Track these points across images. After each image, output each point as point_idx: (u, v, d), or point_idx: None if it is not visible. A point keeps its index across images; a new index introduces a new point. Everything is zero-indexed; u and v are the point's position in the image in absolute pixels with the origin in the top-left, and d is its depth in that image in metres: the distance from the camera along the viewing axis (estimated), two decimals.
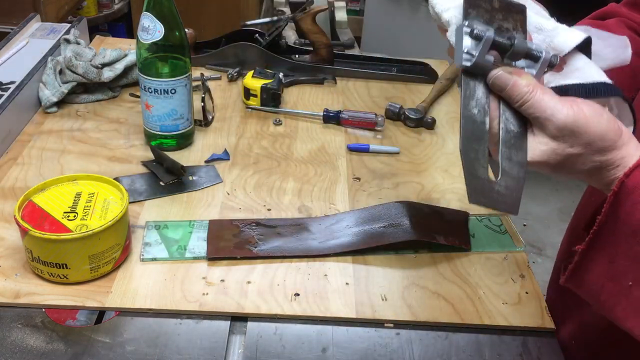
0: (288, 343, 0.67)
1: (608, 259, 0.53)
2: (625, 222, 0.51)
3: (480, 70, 0.55)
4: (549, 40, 0.59)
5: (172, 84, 0.91)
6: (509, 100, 0.55)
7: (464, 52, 0.54)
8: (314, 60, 1.22)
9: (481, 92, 0.55)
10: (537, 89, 0.54)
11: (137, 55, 0.91)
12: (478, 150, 0.53)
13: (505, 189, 0.53)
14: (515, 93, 0.54)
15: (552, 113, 0.53)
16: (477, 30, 0.54)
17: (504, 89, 0.54)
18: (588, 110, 0.53)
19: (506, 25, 0.57)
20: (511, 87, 0.54)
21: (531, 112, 0.54)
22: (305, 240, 0.79)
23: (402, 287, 0.74)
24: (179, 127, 0.95)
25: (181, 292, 0.71)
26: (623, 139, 0.54)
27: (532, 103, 0.53)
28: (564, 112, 0.52)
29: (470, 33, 0.55)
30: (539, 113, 0.53)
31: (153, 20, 0.87)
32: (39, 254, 0.69)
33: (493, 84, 0.55)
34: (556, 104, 0.53)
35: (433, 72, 1.24)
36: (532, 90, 0.54)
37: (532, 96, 0.53)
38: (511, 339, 0.69)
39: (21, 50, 1.13)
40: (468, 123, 0.54)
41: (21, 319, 0.67)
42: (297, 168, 0.95)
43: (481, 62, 0.55)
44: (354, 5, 2.74)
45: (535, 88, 0.54)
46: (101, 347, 0.64)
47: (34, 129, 1.00)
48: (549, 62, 0.56)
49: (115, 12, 2.49)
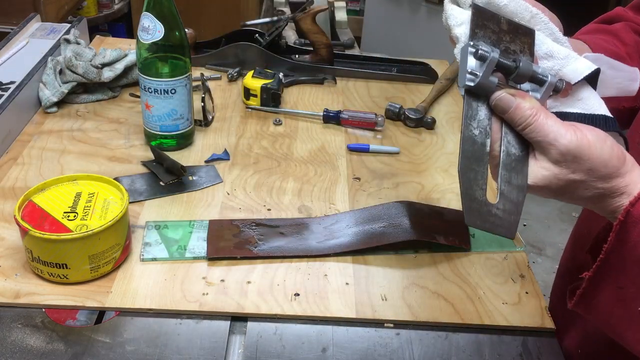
0: (288, 343, 0.67)
1: (616, 285, 0.53)
2: (632, 251, 0.51)
3: (483, 91, 0.55)
4: (557, 67, 0.58)
5: (172, 84, 0.91)
6: (512, 123, 0.54)
7: (468, 72, 0.54)
8: (314, 60, 1.22)
9: (484, 113, 0.55)
10: (541, 113, 0.53)
11: (137, 55, 0.91)
12: (477, 172, 0.53)
13: (502, 212, 0.52)
14: (518, 116, 0.53)
15: (555, 137, 0.52)
16: (481, 50, 0.54)
17: (506, 111, 0.54)
18: (591, 136, 0.52)
19: (513, 48, 0.56)
20: (514, 110, 0.53)
21: (533, 135, 0.53)
22: (305, 240, 0.79)
23: (402, 287, 0.74)
24: (179, 127, 0.95)
25: (181, 292, 0.71)
26: (627, 166, 0.53)
27: (535, 127, 0.52)
28: (567, 137, 0.52)
29: (474, 53, 0.54)
30: (541, 137, 0.52)
31: (153, 20, 0.87)
32: (39, 254, 0.69)
33: (496, 106, 0.54)
34: (559, 129, 0.52)
35: (433, 72, 1.24)
36: (535, 113, 0.53)
37: (535, 120, 0.52)
38: (511, 339, 0.69)
39: (21, 50, 1.13)
40: (468, 144, 0.53)
41: (21, 319, 0.67)
42: (297, 168, 0.95)
43: (484, 82, 0.54)
44: (354, 5, 2.74)
45: (538, 111, 0.53)
46: (101, 347, 0.64)
47: (34, 129, 1.00)
48: (554, 86, 0.55)
49: (115, 12, 2.49)
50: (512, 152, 0.54)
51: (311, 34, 1.20)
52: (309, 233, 0.80)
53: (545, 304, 0.73)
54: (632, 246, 0.50)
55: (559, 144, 0.52)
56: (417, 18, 2.30)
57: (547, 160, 0.53)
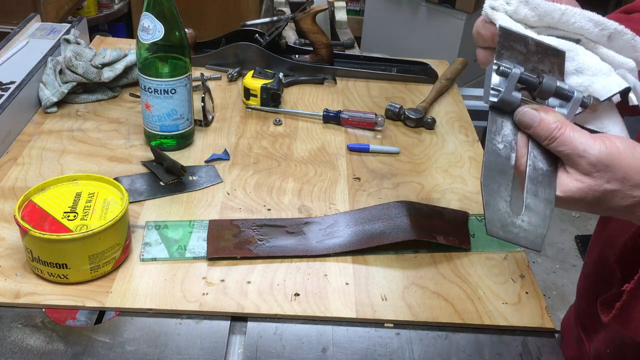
0: (288, 343, 0.67)
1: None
2: None
3: (507, 106, 0.54)
4: (587, 84, 0.58)
5: (172, 84, 0.91)
6: (537, 138, 0.54)
7: (491, 88, 0.54)
8: (314, 60, 1.22)
9: (509, 129, 0.54)
10: (566, 126, 0.52)
11: (137, 55, 0.91)
12: (501, 184, 0.52)
13: (528, 225, 0.52)
14: (543, 130, 0.53)
15: (584, 149, 0.51)
16: (503, 67, 0.54)
17: (531, 126, 0.53)
18: (621, 144, 0.52)
19: (542, 67, 0.57)
20: (538, 124, 0.53)
21: (561, 149, 0.52)
22: (305, 240, 0.79)
23: (402, 287, 0.74)
24: (179, 127, 0.95)
25: (181, 292, 0.71)
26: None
27: (562, 140, 0.52)
28: (596, 147, 0.51)
29: (497, 70, 0.55)
30: (570, 150, 0.52)
31: (153, 20, 0.87)
32: (39, 254, 0.69)
33: (519, 121, 0.54)
34: (587, 140, 0.52)
35: (433, 72, 1.24)
36: (560, 126, 0.52)
37: (561, 133, 0.52)
38: (511, 339, 0.69)
39: (21, 50, 1.13)
40: (491, 156, 0.53)
41: (21, 319, 0.67)
42: (297, 168, 0.95)
43: (508, 98, 0.54)
44: (354, 5, 2.74)
45: (563, 125, 0.52)
46: (101, 347, 0.64)
47: (34, 129, 1.00)
48: (580, 101, 0.55)
49: (115, 12, 2.49)
50: (539, 167, 0.53)
51: (311, 34, 1.20)
52: (309, 233, 0.80)
53: (545, 304, 0.73)
54: None
55: (589, 155, 0.51)
56: (417, 18, 2.30)
57: (580, 173, 0.52)
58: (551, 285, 2.03)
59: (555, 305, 1.97)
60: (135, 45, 0.93)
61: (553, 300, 2.00)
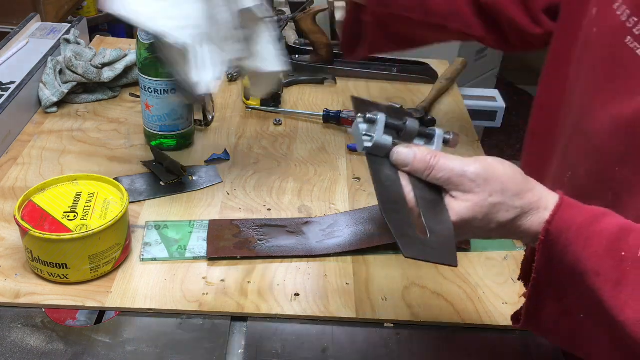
0: (288, 343, 0.67)
1: (555, 298, 0.54)
2: (560, 266, 0.52)
3: (381, 150, 0.57)
4: None
5: (172, 84, 0.91)
6: (416, 173, 0.56)
7: (363, 134, 0.57)
8: (314, 60, 1.22)
9: (389, 169, 0.57)
10: (439, 155, 0.55)
11: (137, 55, 0.91)
12: (400, 211, 0.54)
13: (437, 244, 0.53)
14: (420, 164, 0.55)
15: (461, 169, 0.54)
16: (369, 114, 0.57)
17: (408, 163, 0.56)
18: (491, 159, 0.55)
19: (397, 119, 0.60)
20: (414, 160, 0.55)
21: (440, 175, 0.55)
22: (305, 240, 0.79)
23: (402, 287, 0.74)
24: (179, 127, 0.95)
25: (181, 292, 0.71)
26: (530, 182, 0.55)
27: (439, 167, 0.54)
28: (471, 164, 0.54)
29: (364, 118, 0.57)
30: (449, 174, 0.54)
31: None
32: (39, 254, 0.69)
33: (397, 161, 0.56)
34: (462, 161, 0.55)
35: (433, 72, 1.24)
36: (434, 155, 0.55)
37: (437, 161, 0.55)
38: (511, 339, 0.69)
39: (21, 50, 1.13)
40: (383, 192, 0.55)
41: (21, 319, 0.67)
42: (297, 168, 0.95)
43: (380, 141, 0.57)
44: None
45: (437, 154, 0.55)
46: (101, 347, 0.64)
47: (34, 129, 1.00)
48: (443, 138, 0.59)
49: None
50: (428, 198, 0.55)
51: (311, 34, 1.20)
52: (309, 233, 0.80)
53: None
54: (558, 262, 0.52)
55: (467, 172, 0.54)
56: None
57: (463, 192, 0.54)
58: None
59: None
60: (135, 45, 0.93)
61: None
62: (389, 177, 0.56)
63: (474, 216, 0.54)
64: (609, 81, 0.63)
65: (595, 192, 0.65)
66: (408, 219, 0.54)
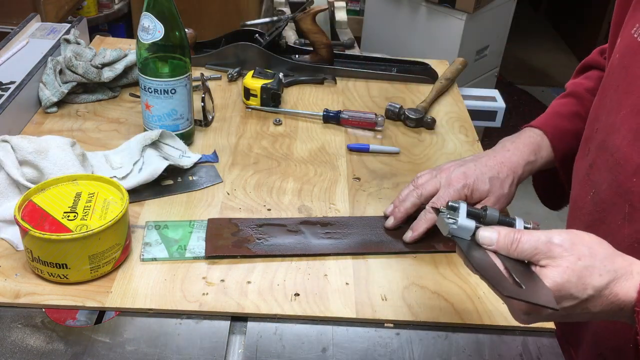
0: (288, 343, 0.67)
1: None
2: None
3: (465, 233, 0.60)
4: None
5: (172, 84, 0.91)
6: (502, 250, 0.57)
7: (446, 218, 0.61)
8: (314, 60, 1.22)
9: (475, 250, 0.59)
10: (522, 231, 0.57)
11: (137, 55, 0.91)
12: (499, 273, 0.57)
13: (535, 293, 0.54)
14: (506, 239, 0.57)
15: (547, 237, 0.55)
16: (451, 203, 0.62)
17: (493, 241, 0.58)
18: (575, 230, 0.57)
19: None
20: (499, 237, 0.57)
21: (527, 247, 0.56)
22: (304, 239, 0.79)
23: (402, 287, 0.74)
24: (179, 127, 0.95)
25: (181, 292, 0.71)
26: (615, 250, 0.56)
27: (525, 239, 0.56)
28: (556, 233, 0.56)
29: (447, 206, 0.62)
30: (535, 243, 0.55)
31: (153, 20, 0.87)
32: (39, 254, 0.69)
33: (482, 240, 0.59)
34: (544, 232, 0.56)
35: (433, 72, 1.24)
36: (517, 232, 0.57)
37: (521, 234, 0.56)
38: (511, 339, 0.69)
39: (21, 51, 1.13)
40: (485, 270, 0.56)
41: (21, 319, 0.67)
42: (297, 168, 0.95)
43: (464, 224, 0.60)
44: (354, 5, 2.73)
45: (519, 231, 0.57)
46: (101, 347, 0.64)
47: (34, 129, 1.00)
48: (523, 227, 0.61)
49: (115, 12, 2.49)
50: (519, 268, 0.57)
51: (311, 34, 1.20)
52: (308, 232, 0.80)
53: None
54: None
55: (554, 239, 0.55)
56: (417, 18, 2.30)
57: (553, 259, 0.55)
58: None
59: None
60: (135, 45, 0.93)
61: None
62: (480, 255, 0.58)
63: (568, 279, 0.54)
64: (628, 96, 0.64)
65: (614, 205, 0.66)
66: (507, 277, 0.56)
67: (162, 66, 0.92)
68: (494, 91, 1.46)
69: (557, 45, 3.75)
